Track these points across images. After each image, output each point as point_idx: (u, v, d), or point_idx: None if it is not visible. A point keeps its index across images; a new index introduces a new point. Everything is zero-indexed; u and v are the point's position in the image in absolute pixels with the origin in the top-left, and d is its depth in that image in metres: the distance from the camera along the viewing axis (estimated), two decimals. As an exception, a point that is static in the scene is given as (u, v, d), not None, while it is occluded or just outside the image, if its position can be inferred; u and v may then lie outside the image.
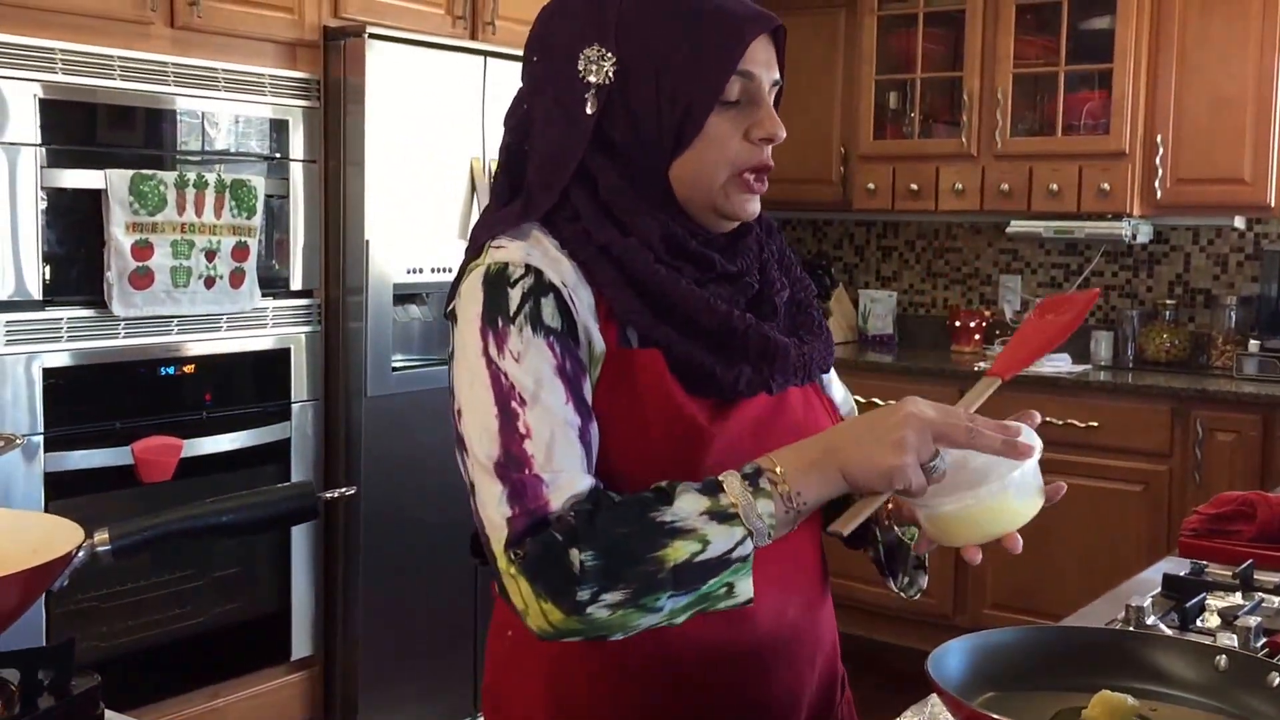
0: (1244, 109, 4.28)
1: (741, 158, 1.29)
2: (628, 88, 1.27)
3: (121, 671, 3.05)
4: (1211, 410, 4.11)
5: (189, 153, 3.12)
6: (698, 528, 1.14)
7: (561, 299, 1.24)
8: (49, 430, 2.90)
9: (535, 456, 1.18)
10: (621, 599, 1.13)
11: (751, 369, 1.30)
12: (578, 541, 1.13)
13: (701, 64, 1.25)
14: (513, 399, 1.20)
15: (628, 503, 1.17)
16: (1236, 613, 1.71)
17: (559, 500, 1.17)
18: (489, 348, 1.22)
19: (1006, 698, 1.30)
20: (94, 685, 1.27)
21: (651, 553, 1.13)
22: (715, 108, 1.27)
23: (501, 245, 1.28)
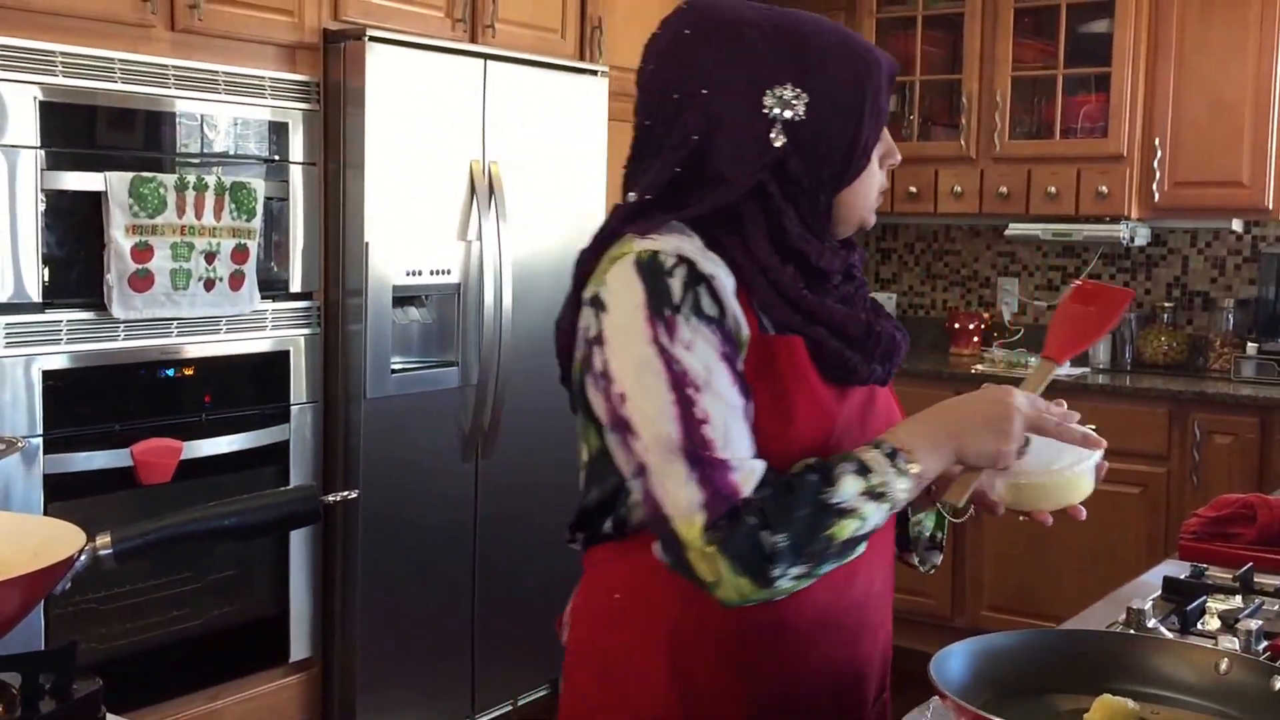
0: (1242, 112, 4.29)
1: (882, 181, 1.48)
2: (816, 125, 1.38)
3: (120, 674, 3.05)
4: (1209, 413, 4.11)
5: (189, 155, 3.12)
6: (858, 507, 1.29)
7: (713, 288, 1.33)
8: (49, 432, 2.89)
9: (715, 440, 1.28)
10: (803, 571, 1.28)
11: (878, 364, 1.45)
12: (770, 526, 1.26)
13: (875, 109, 1.41)
14: (687, 385, 1.29)
15: (801, 485, 1.29)
16: (1237, 616, 1.72)
17: (747, 485, 1.28)
18: (659, 336, 1.30)
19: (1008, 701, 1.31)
20: (95, 689, 1.27)
21: (825, 531, 1.28)
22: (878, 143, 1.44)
23: (651, 237, 1.36)
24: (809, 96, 1.38)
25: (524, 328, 3.80)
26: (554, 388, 4.13)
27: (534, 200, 3.85)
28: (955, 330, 5.02)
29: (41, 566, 1.21)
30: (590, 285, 1.37)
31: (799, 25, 1.41)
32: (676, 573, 1.29)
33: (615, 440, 1.34)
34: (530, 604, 3.96)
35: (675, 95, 1.43)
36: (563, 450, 4.05)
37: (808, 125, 1.38)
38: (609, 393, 1.32)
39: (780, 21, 1.41)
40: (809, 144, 1.38)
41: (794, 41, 1.40)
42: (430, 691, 3.72)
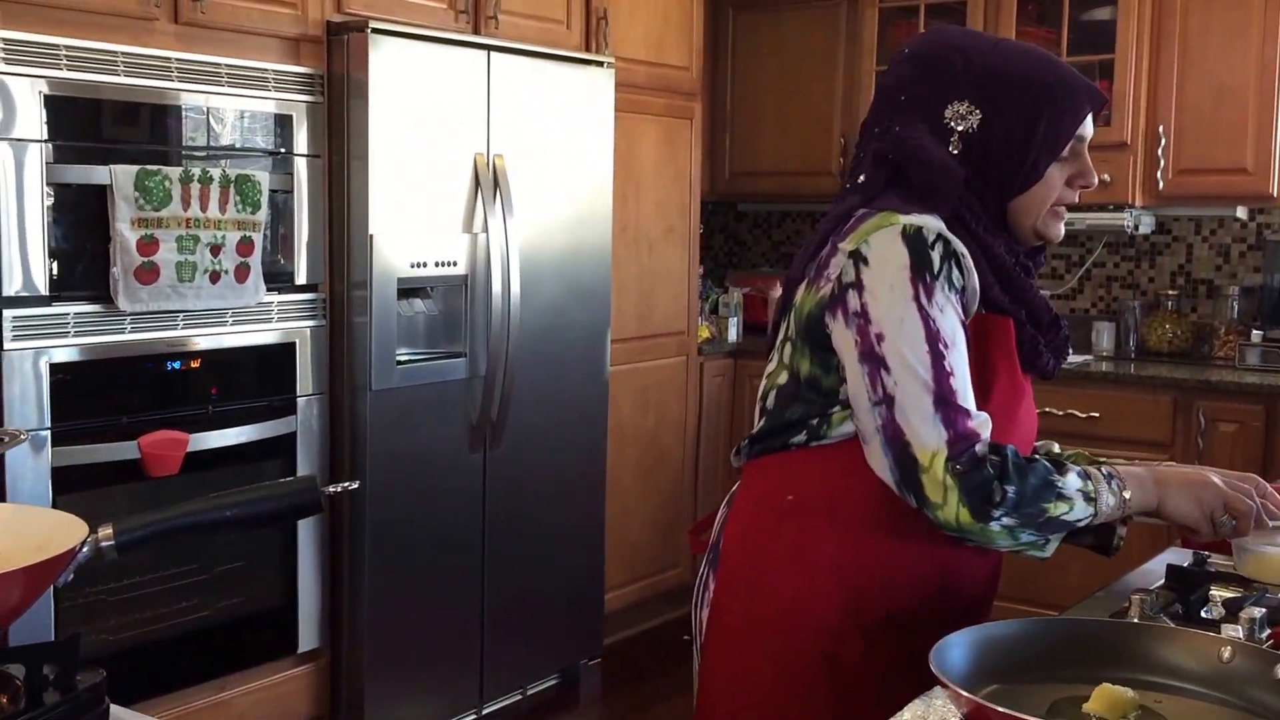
0: (1246, 99, 4.28)
1: (1063, 197, 1.69)
2: (988, 139, 1.63)
3: (128, 665, 3.06)
4: (1214, 400, 4.11)
5: (193, 148, 3.13)
6: (1073, 499, 1.56)
7: (962, 264, 1.59)
8: (56, 425, 2.91)
9: (959, 391, 1.54)
10: (1014, 524, 1.53)
11: (1054, 357, 1.72)
12: (1005, 479, 1.52)
13: (1050, 131, 1.63)
14: (939, 342, 1.55)
15: (1037, 464, 1.56)
16: (1241, 604, 1.72)
17: (984, 431, 1.54)
18: (919, 295, 1.55)
19: (1010, 690, 1.31)
20: (99, 680, 1.27)
21: (1044, 503, 1.54)
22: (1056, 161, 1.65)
23: (909, 214, 1.60)
24: (982, 113, 1.63)
25: (531, 319, 3.80)
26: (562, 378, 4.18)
27: (540, 192, 3.86)
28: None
29: (43, 558, 1.21)
30: (850, 241, 1.60)
31: (1001, 54, 1.67)
32: (900, 486, 1.55)
33: (863, 370, 1.57)
34: (538, 594, 3.98)
35: (886, 99, 1.71)
36: (572, 440, 4.07)
37: (978, 138, 1.63)
38: (865, 331, 1.56)
39: (988, 50, 1.67)
40: (979, 154, 1.64)
41: (984, 67, 1.65)
42: (439, 682, 3.74)
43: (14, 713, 1.19)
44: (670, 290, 4.64)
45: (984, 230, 1.64)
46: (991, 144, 1.64)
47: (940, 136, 1.65)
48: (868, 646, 1.65)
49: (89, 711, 1.25)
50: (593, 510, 4.18)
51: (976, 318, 1.62)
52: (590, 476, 4.15)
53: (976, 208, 1.64)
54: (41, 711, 1.20)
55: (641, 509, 4.56)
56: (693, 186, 4.74)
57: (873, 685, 1.64)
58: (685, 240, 4.72)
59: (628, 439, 4.45)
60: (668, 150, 4.60)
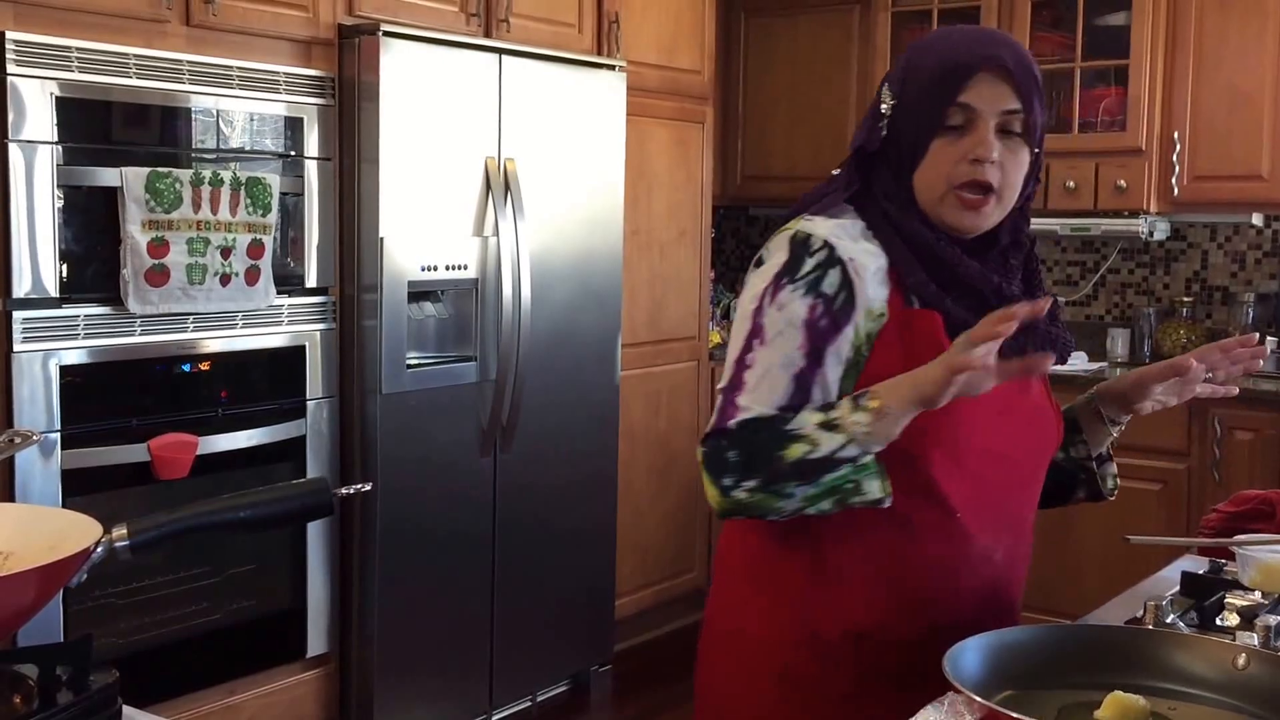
0: (1262, 105, 4.26)
1: (955, 174, 1.56)
2: (897, 117, 1.60)
3: (138, 668, 3.06)
4: (1230, 409, 4.08)
5: (204, 150, 3.13)
6: (809, 434, 1.46)
7: (845, 272, 1.54)
8: (66, 427, 2.90)
9: (747, 383, 1.53)
10: (756, 485, 1.47)
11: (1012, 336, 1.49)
12: (732, 445, 1.49)
13: (927, 99, 1.57)
14: (755, 337, 1.54)
15: (774, 421, 1.49)
16: (1256, 611, 1.70)
17: (740, 418, 1.51)
18: (765, 295, 1.55)
19: (1024, 696, 1.30)
20: (112, 681, 1.27)
21: (777, 451, 1.46)
22: (939, 134, 1.57)
23: (810, 219, 1.59)
24: (896, 93, 1.61)
25: (543, 323, 3.79)
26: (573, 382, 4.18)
27: (551, 196, 3.85)
28: (973, 325, 5.00)
29: (58, 558, 1.21)
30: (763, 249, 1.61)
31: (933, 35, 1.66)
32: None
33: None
34: (549, 599, 3.96)
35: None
36: (583, 445, 4.06)
37: (894, 118, 1.61)
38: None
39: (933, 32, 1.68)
40: (893, 134, 1.60)
41: (911, 47, 1.64)
42: (448, 687, 3.73)
43: (27, 712, 1.19)
44: (681, 295, 4.63)
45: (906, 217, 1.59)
46: (896, 121, 1.61)
47: (874, 119, 1.64)
48: (825, 663, 1.60)
49: (101, 712, 1.25)
50: (604, 515, 4.16)
51: (902, 314, 1.56)
52: (601, 481, 4.14)
53: (894, 193, 1.60)
54: (54, 712, 1.21)
55: (653, 514, 4.55)
56: (704, 190, 4.73)
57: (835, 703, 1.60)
58: (696, 244, 4.71)
59: (639, 443, 4.44)
60: (679, 154, 4.59)
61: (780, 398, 1.51)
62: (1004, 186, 1.58)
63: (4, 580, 1.18)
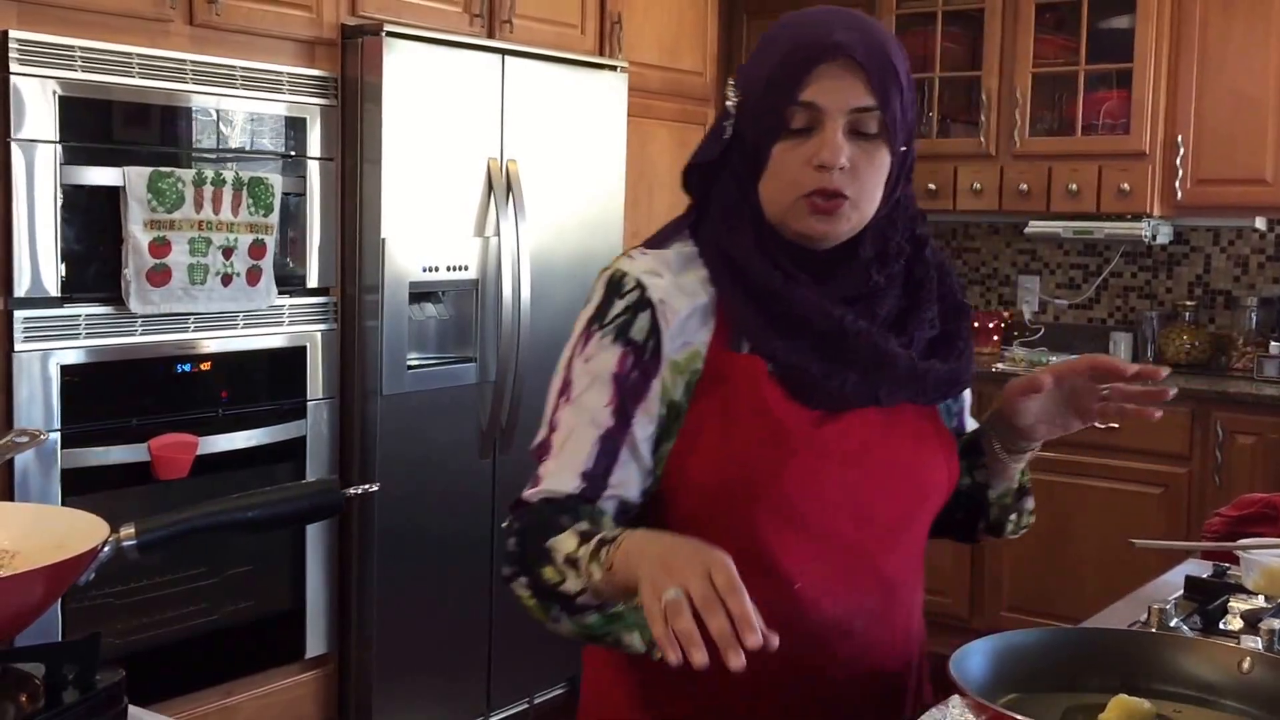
0: (1265, 109, 4.25)
1: (802, 182, 1.35)
2: (740, 118, 1.40)
3: (136, 669, 3.03)
4: (1232, 412, 4.08)
5: (206, 150, 3.12)
6: (559, 564, 1.26)
7: (655, 316, 1.37)
8: (66, 427, 2.90)
9: (553, 447, 1.37)
10: (527, 592, 1.31)
11: (859, 376, 1.35)
12: (519, 524, 1.33)
13: (767, 98, 1.36)
14: (562, 394, 1.39)
15: (552, 516, 1.31)
16: (1260, 615, 1.70)
17: (537, 491, 1.35)
18: (576, 345, 1.40)
19: (1029, 699, 1.29)
20: (118, 680, 1.27)
21: (538, 566, 1.29)
22: (782, 137, 1.35)
23: (632, 256, 1.44)
24: (741, 89, 1.40)
25: (543, 324, 3.79)
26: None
27: (553, 197, 3.84)
28: (974, 329, 4.99)
29: (65, 557, 1.21)
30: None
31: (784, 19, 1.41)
32: None
33: None
34: (547, 601, 3.95)
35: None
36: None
37: (738, 120, 1.40)
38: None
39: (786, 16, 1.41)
40: (738, 137, 1.40)
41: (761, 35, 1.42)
42: (446, 689, 3.72)
43: (33, 711, 1.19)
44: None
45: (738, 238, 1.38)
46: (742, 123, 1.39)
47: (720, 122, 1.43)
48: None
49: (107, 711, 1.25)
50: (604, 517, 4.15)
51: (721, 357, 1.36)
52: (601, 483, 4.13)
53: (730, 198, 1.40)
54: (60, 710, 1.20)
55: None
56: (706, 193, 4.72)
57: None
58: (699, 247, 4.70)
59: (639, 446, 4.42)
60: (680, 155, 4.54)
61: (585, 462, 1.34)
62: (859, 195, 1.35)
63: (12, 579, 1.18)
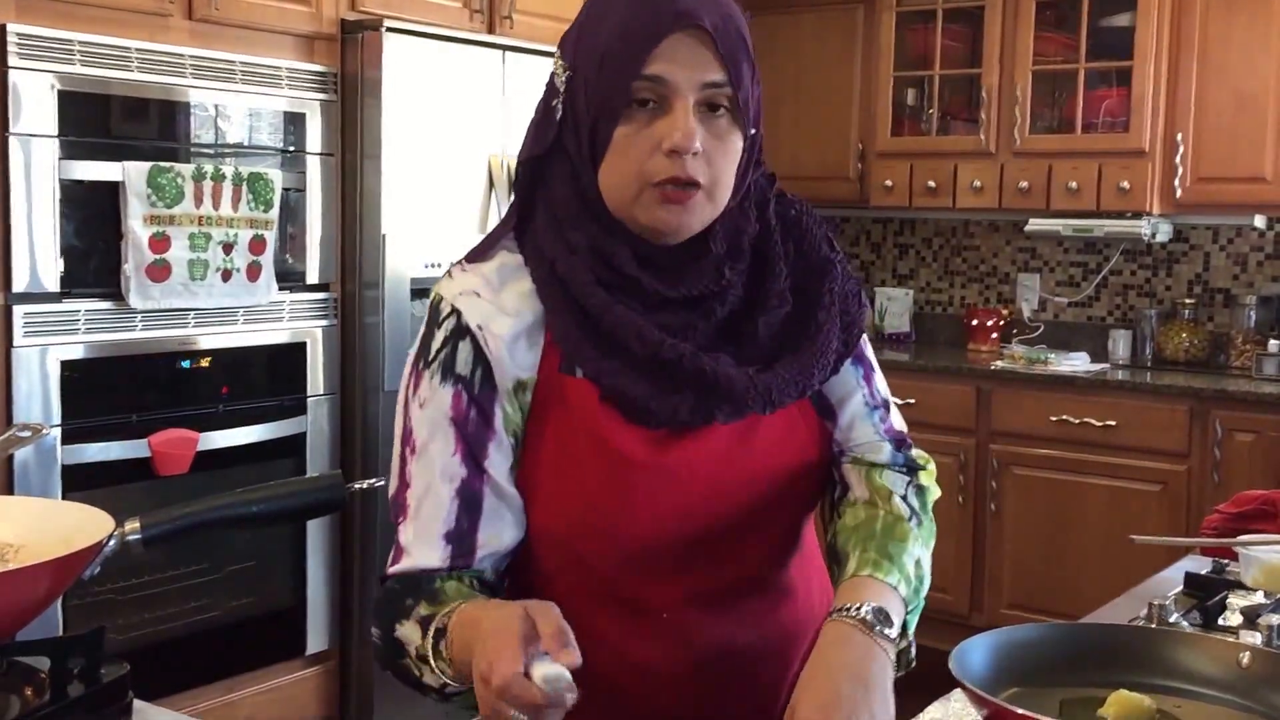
0: (1266, 106, 4.25)
1: (651, 170, 1.21)
2: (571, 96, 1.25)
3: (137, 664, 3.04)
4: (1230, 410, 4.08)
5: (206, 145, 3.12)
6: (413, 658, 1.20)
7: (476, 342, 1.24)
8: (66, 422, 2.90)
9: (410, 506, 1.25)
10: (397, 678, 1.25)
11: (694, 398, 1.23)
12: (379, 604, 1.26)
13: (608, 72, 1.21)
14: (408, 445, 1.26)
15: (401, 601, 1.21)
16: (1259, 611, 1.70)
17: (396, 569, 1.25)
18: (409, 386, 1.27)
19: (1030, 693, 1.30)
20: (123, 674, 1.27)
21: (398, 660, 1.23)
22: (624, 117, 1.21)
23: (452, 275, 1.30)
24: (569, 65, 1.25)
25: (541, 321, 3.79)
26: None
27: (552, 193, 3.84)
28: (973, 326, 5.00)
29: (70, 551, 1.22)
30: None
31: None
32: None
33: None
34: (546, 598, 3.95)
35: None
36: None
37: (568, 96, 1.25)
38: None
39: None
40: (570, 119, 1.25)
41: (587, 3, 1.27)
42: (446, 684, 3.72)
43: (38, 705, 1.19)
44: (683, 294, 4.63)
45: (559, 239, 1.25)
46: (571, 102, 1.25)
47: (549, 104, 1.28)
48: None
49: (112, 705, 1.25)
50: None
51: (552, 381, 1.24)
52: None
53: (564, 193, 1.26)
54: (65, 704, 1.21)
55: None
56: (707, 190, 4.72)
57: None
58: (699, 244, 4.70)
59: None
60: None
61: (446, 522, 1.22)
62: (713, 183, 1.23)
63: (17, 573, 1.18)
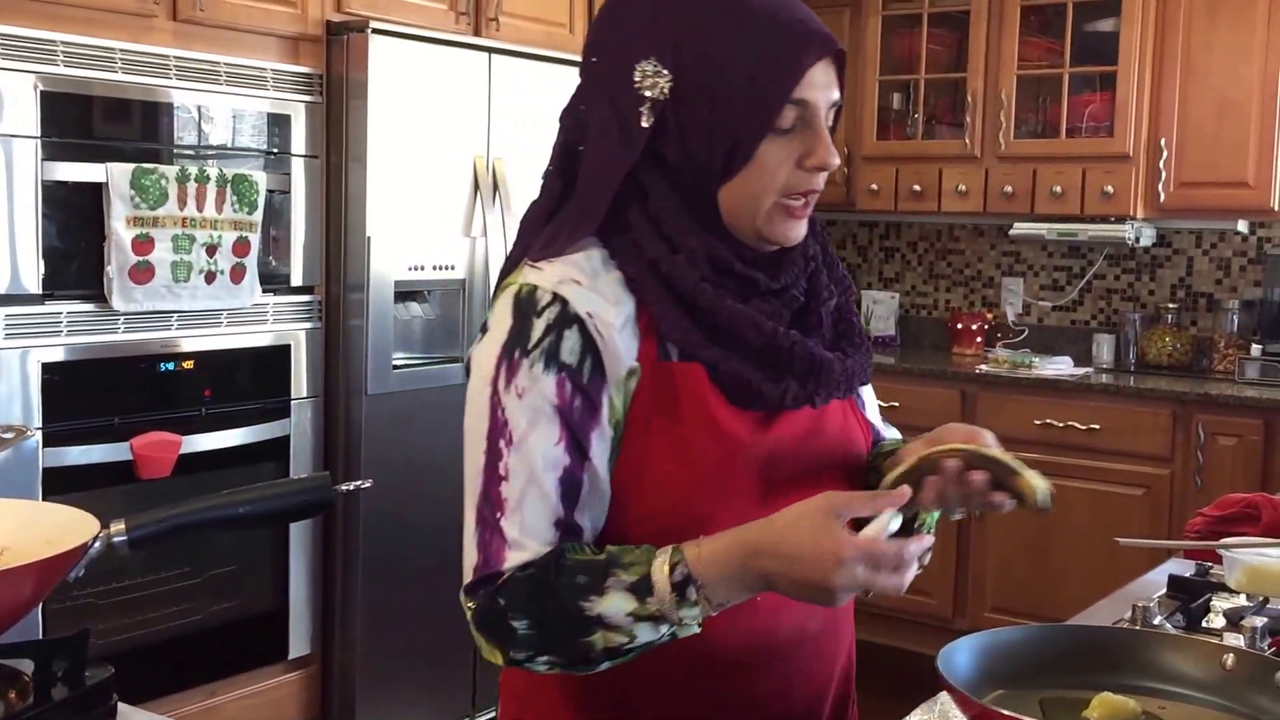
0: (1249, 112, 4.27)
1: (790, 184, 1.26)
2: (682, 107, 1.24)
3: (118, 669, 3.03)
4: (1213, 414, 4.09)
5: (190, 147, 3.11)
6: (624, 626, 1.18)
7: (585, 330, 1.24)
8: (47, 425, 2.88)
9: (508, 502, 1.24)
10: (557, 662, 1.21)
11: (798, 384, 1.30)
12: (514, 610, 1.21)
13: (755, 93, 1.22)
14: (502, 437, 1.24)
15: (562, 583, 1.19)
16: (1242, 613, 1.71)
17: (513, 562, 1.23)
18: (499, 378, 1.25)
19: (1014, 696, 1.30)
20: (107, 677, 1.27)
21: (582, 638, 1.19)
22: (768, 135, 1.24)
23: (539, 266, 1.28)
24: (673, 73, 1.24)
25: (526, 324, 3.78)
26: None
27: (537, 196, 3.83)
28: (958, 330, 5.01)
29: (55, 553, 1.21)
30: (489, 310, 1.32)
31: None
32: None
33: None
34: (530, 601, 3.95)
35: (581, 69, 1.34)
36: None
37: (671, 107, 1.24)
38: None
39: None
40: (675, 129, 1.25)
41: (677, 9, 1.25)
42: (430, 690, 3.71)
43: (22, 708, 1.19)
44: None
45: (664, 245, 1.27)
46: (684, 114, 1.24)
47: (629, 109, 1.26)
48: None
49: (97, 707, 1.25)
50: (588, 518, 4.15)
51: (658, 370, 1.26)
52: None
53: (667, 207, 1.27)
54: (50, 707, 1.20)
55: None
56: (692, 194, 4.72)
57: None
58: (684, 248, 4.70)
59: (624, 447, 4.42)
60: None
61: (552, 511, 1.23)
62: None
63: (2, 575, 1.17)
